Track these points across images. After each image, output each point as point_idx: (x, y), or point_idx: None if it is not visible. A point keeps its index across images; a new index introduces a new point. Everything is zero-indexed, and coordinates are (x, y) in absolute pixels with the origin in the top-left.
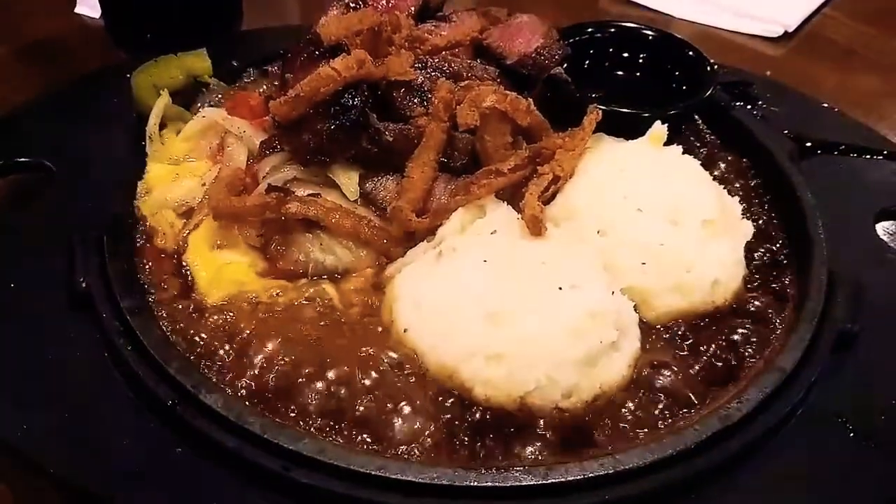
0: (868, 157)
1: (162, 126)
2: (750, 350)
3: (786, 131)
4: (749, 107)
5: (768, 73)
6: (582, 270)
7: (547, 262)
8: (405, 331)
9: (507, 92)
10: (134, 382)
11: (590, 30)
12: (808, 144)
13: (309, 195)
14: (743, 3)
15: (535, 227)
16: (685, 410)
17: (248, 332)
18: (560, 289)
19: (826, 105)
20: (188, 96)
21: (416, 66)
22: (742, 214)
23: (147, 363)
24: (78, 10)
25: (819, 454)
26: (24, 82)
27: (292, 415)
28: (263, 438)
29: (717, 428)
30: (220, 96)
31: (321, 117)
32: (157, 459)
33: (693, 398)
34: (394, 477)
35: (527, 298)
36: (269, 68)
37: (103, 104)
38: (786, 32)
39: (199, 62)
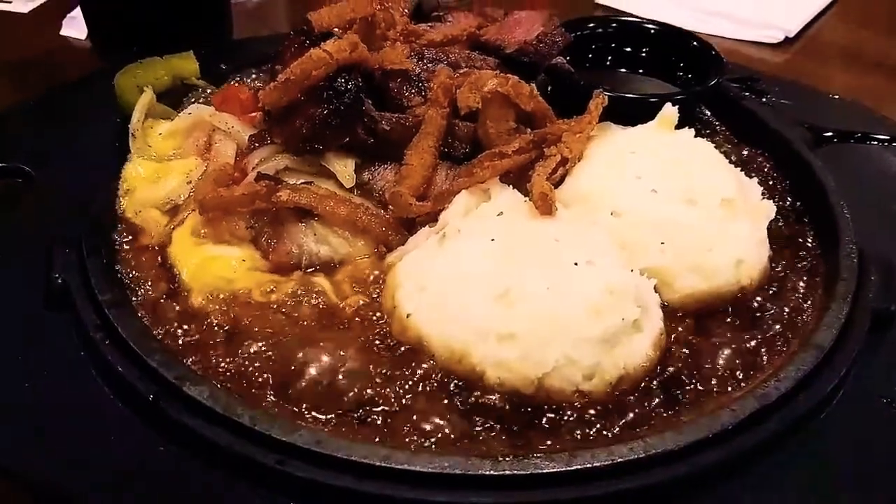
0: (885, 144)
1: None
2: (781, 331)
3: (798, 121)
4: (759, 99)
5: None
6: (597, 247)
7: (560, 240)
8: (408, 316)
9: (509, 76)
10: (113, 379)
11: (591, 25)
12: (825, 134)
13: (302, 184)
14: (742, 10)
15: (545, 206)
16: (717, 392)
17: (236, 328)
18: (576, 264)
19: (836, 96)
20: (175, 98)
21: (412, 57)
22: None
23: (126, 356)
24: (63, 32)
25: (864, 436)
26: (11, 100)
27: (288, 408)
28: (254, 431)
29: (756, 408)
30: (207, 96)
31: (314, 103)
32: (140, 460)
33: (725, 380)
34: (400, 467)
35: (540, 275)
36: (260, 71)
37: (85, 110)
38: (786, 38)
39: (186, 64)
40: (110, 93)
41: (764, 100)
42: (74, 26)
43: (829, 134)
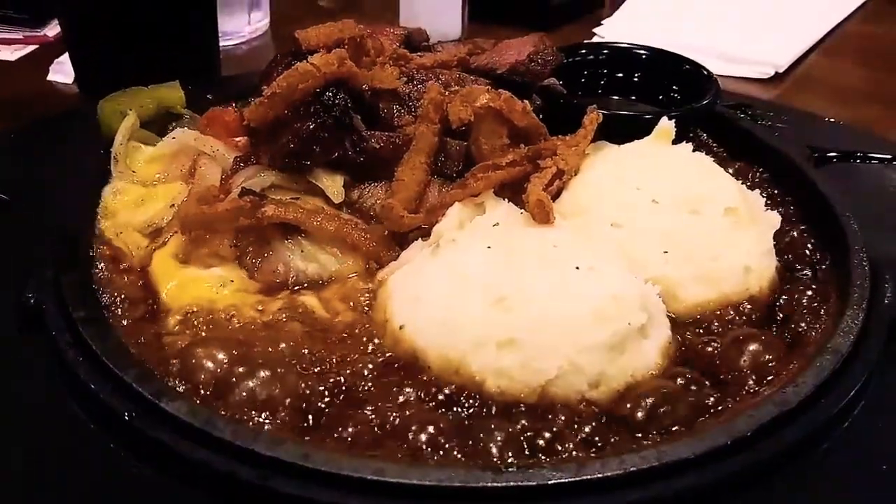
0: (886, 163)
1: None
2: (796, 340)
3: (797, 141)
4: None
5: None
6: (599, 254)
7: (559, 246)
8: (401, 328)
9: (502, 91)
10: (86, 399)
11: (583, 51)
12: (827, 154)
13: (289, 200)
14: (731, 46)
15: (542, 214)
16: (732, 400)
17: (220, 346)
18: (577, 268)
19: (833, 119)
20: (160, 127)
21: (402, 79)
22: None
23: (100, 374)
24: (50, 77)
25: (890, 447)
26: None
27: (274, 424)
28: (236, 445)
29: (775, 414)
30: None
31: (301, 117)
32: (114, 483)
33: (740, 387)
34: (394, 481)
35: (540, 279)
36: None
37: (67, 142)
38: (776, 73)
39: (171, 93)
40: (93, 126)
41: (760, 122)
42: (61, 71)
43: (831, 154)
